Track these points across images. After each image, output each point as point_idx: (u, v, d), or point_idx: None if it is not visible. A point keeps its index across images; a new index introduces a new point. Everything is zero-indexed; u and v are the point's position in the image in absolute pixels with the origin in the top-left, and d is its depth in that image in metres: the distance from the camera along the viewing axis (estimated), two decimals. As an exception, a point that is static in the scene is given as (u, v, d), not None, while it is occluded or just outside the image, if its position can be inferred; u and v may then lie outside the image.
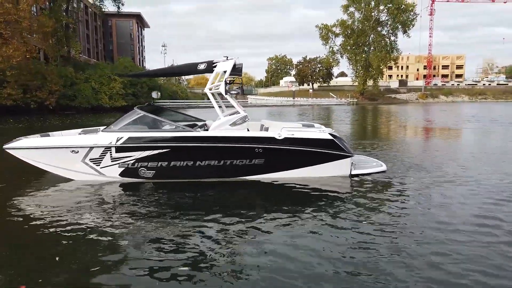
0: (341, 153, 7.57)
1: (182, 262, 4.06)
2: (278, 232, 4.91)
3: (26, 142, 7.71)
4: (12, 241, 4.72)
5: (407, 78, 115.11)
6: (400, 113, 37.68)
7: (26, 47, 35.38)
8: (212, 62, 7.92)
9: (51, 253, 4.31)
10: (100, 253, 4.31)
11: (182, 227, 5.06)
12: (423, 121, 26.78)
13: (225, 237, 4.76)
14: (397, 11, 75.31)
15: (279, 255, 4.19)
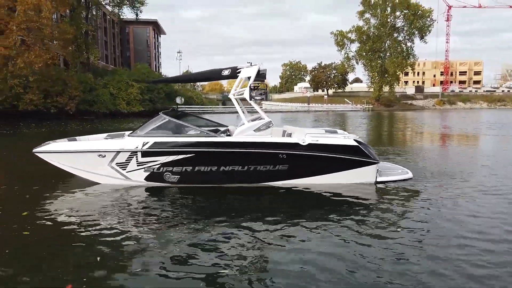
0: (366, 159, 7.49)
1: (206, 267, 4.07)
2: (303, 239, 4.87)
3: (55, 146, 7.87)
4: (44, 243, 4.80)
5: (423, 84, 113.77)
6: (418, 120, 37.18)
7: (48, 54, 36.24)
8: (236, 68, 7.99)
9: (80, 254, 4.39)
10: (126, 256, 4.36)
11: (206, 232, 5.07)
12: (443, 127, 26.39)
13: (249, 242, 4.74)
14: (413, 17, 74.78)
15: (304, 262, 4.15)
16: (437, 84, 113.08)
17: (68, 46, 41.67)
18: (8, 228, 5.29)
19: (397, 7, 76.40)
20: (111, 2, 52.32)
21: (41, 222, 5.53)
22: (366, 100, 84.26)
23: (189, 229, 5.17)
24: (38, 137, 20.68)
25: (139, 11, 52.25)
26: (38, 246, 4.66)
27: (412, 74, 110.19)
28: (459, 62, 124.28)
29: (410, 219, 5.61)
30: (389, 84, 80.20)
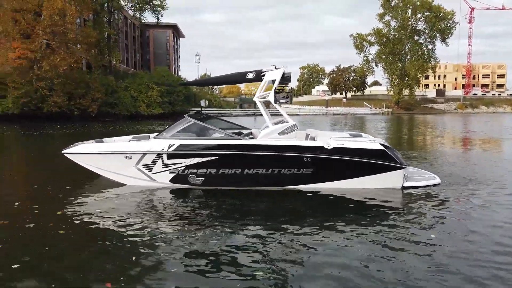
0: (393, 164, 7.34)
1: (233, 268, 4.07)
2: (328, 243, 4.78)
3: (83, 148, 8.04)
4: (78, 242, 4.89)
5: (444, 87, 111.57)
6: (440, 123, 36.42)
7: (72, 57, 37.25)
8: (261, 71, 7.97)
9: (113, 254, 4.47)
10: (157, 256, 4.41)
11: (230, 234, 5.07)
12: (466, 131, 25.77)
13: (274, 246, 4.71)
14: (435, 19, 73.57)
15: (330, 265, 4.09)
16: (459, 87, 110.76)
17: (91, 50, 42.72)
18: (45, 227, 5.41)
19: (418, 9, 75.31)
20: (133, 6, 53.35)
21: (73, 222, 5.64)
22: (386, 103, 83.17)
23: (214, 231, 5.18)
24: (63, 138, 21.29)
25: (160, 15, 53.20)
26: (73, 245, 4.76)
27: (433, 77, 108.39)
28: (481, 65, 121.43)
29: (439, 226, 5.44)
30: (409, 87, 79.04)
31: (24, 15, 34.97)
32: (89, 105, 39.59)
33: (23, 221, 5.60)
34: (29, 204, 6.62)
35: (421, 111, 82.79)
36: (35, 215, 5.97)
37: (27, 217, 5.78)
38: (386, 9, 77.33)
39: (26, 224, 5.50)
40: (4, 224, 5.55)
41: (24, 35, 35.61)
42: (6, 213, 6.12)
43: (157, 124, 37.05)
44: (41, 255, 4.43)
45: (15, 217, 5.85)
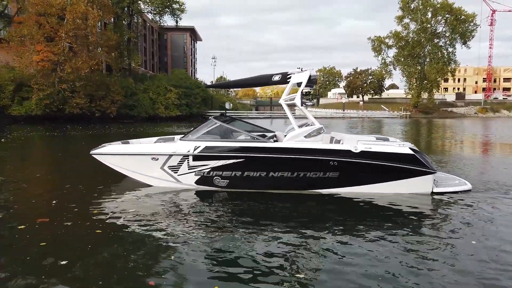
0: (423, 169, 7.18)
1: (254, 271, 4.05)
2: (351, 250, 4.67)
3: (111, 149, 8.16)
4: (114, 241, 4.97)
5: (464, 91, 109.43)
6: (463, 128, 35.57)
7: (93, 60, 38.03)
8: (287, 74, 7.95)
9: (147, 254, 4.52)
10: (176, 257, 4.46)
11: (252, 238, 5.02)
12: (491, 136, 25.07)
13: (295, 251, 4.64)
14: (456, 22, 72.29)
15: (352, 273, 4.00)
16: (479, 91, 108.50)
17: (111, 53, 43.48)
18: (84, 226, 5.55)
19: (439, 12, 74.11)
20: (152, 10, 54.14)
21: (107, 221, 5.75)
22: (404, 106, 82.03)
23: (237, 233, 5.17)
24: (86, 139, 21.68)
25: (179, 18, 53.82)
26: (108, 244, 4.87)
27: (452, 81, 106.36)
28: (503, 68, 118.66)
29: (470, 234, 5.25)
30: (428, 90, 77.78)
31: (48, 19, 35.87)
32: (109, 107, 40.31)
33: (62, 219, 5.76)
34: (65, 203, 6.78)
35: (440, 115, 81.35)
36: (72, 213, 6.14)
37: (65, 216, 5.96)
38: (405, 12, 76.31)
39: (65, 222, 5.65)
40: (45, 221, 5.72)
41: (48, 38, 36.54)
42: (46, 211, 6.34)
43: (175, 126, 37.47)
44: (84, 253, 4.56)
45: (54, 215, 6.02)
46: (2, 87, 35.45)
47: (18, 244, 4.84)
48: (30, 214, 6.17)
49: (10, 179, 9.20)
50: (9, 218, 5.96)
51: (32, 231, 5.31)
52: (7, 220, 5.86)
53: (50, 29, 35.96)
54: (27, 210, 6.55)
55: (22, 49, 35.26)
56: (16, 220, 5.83)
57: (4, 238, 5.13)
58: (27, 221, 5.71)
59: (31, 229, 5.37)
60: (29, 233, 5.22)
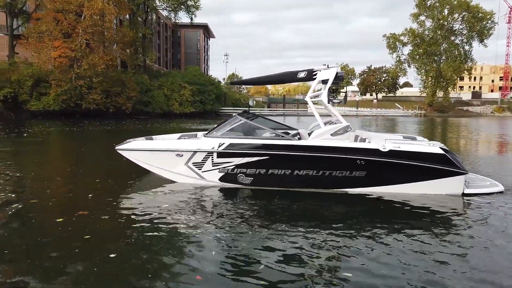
0: (454, 169, 7.01)
1: (275, 270, 4.03)
2: (376, 252, 4.54)
3: (136, 145, 8.23)
4: (119, 237, 5.01)
5: (480, 89, 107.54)
6: (481, 127, 34.76)
7: (108, 56, 38.40)
8: (313, 71, 7.87)
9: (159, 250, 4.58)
10: (197, 252, 4.50)
11: (275, 236, 4.98)
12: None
13: (318, 250, 4.58)
14: (473, 19, 71.00)
15: (376, 276, 3.92)
16: (496, 90, 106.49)
17: (127, 49, 43.81)
18: (120, 220, 5.68)
19: (456, 9, 72.86)
20: (168, 7, 54.32)
21: (116, 215, 5.89)
22: (418, 105, 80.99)
23: (260, 231, 5.15)
24: (105, 134, 21.99)
25: (193, 15, 53.92)
26: (146, 238, 4.93)
27: (468, 79, 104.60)
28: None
29: (503, 238, 5.06)
30: (444, 89, 76.63)
31: (66, 15, 36.30)
32: (124, 103, 40.65)
33: (99, 213, 5.91)
34: (100, 197, 6.97)
35: (455, 113, 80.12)
36: (108, 207, 6.32)
37: (103, 209, 6.12)
38: (421, 9, 75.22)
39: (102, 216, 5.79)
40: (84, 214, 5.88)
41: (65, 35, 36.99)
42: (84, 204, 6.47)
43: (190, 122, 37.60)
44: (128, 246, 4.66)
45: (92, 209, 6.16)
46: (21, 83, 36.06)
47: (62, 237, 4.93)
48: (69, 208, 6.32)
49: (44, 173, 9.46)
50: (50, 211, 6.11)
51: (73, 224, 5.42)
52: (47, 213, 6.01)
53: (67, 26, 36.40)
54: (65, 203, 6.73)
55: (41, 45, 35.77)
56: (56, 213, 5.98)
57: (47, 230, 5.23)
58: (66, 214, 5.83)
59: (72, 222, 5.48)
60: (71, 226, 5.33)
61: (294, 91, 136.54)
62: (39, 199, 6.81)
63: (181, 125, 32.40)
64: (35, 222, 5.57)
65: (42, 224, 5.50)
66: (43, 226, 5.41)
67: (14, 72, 36.28)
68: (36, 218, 5.74)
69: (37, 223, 5.55)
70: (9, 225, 5.41)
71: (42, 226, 5.43)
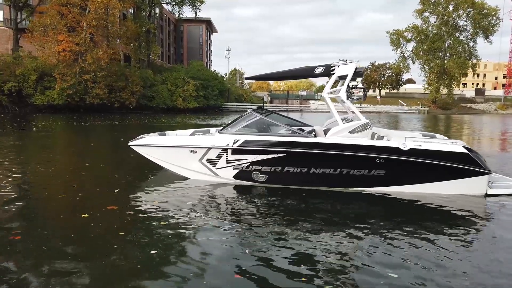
0: (477, 169, 6.79)
1: (288, 270, 3.96)
2: (396, 254, 4.39)
3: (149, 140, 8.11)
4: (129, 233, 4.95)
5: (484, 87, 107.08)
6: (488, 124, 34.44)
7: (112, 50, 38.27)
8: (330, 66, 7.68)
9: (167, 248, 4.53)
10: (209, 251, 4.44)
11: (289, 236, 4.88)
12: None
13: (333, 250, 4.47)
14: (478, 15, 70.60)
15: (394, 279, 3.81)
16: (499, 87, 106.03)
17: (131, 43, 43.66)
18: (147, 216, 5.64)
19: (460, 6, 72.42)
20: (172, 1, 54.02)
21: (128, 211, 5.84)
22: (422, 102, 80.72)
23: (275, 230, 5.04)
24: (113, 129, 21.98)
25: (198, 9, 53.63)
26: (147, 236, 4.87)
27: (472, 76, 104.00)
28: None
29: None
30: (448, 85, 76.37)
31: (70, 9, 36.14)
32: (128, 98, 40.56)
33: (126, 208, 5.94)
34: (126, 192, 7.06)
35: (459, 110, 79.89)
36: (135, 202, 6.40)
37: (132, 204, 6.16)
38: (425, 5, 74.78)
39: (128, 211, 5.82)
40: (114, 209, 5.92)
41: (70, 29, 36.86)
42: (114, 199, 6.52)
43: (194, 117, 37.54)
44: (168, 245, 4.58)
45: (120, 203, 6.20)
46: (25, 77, 35.99)
47: (96, 233, 4.89)
48: (98, 202, 6.31)
49: (64, 167, 9.59)
50: (77, 206, 6.09)
51: (103, 219, 5.43)
52: (76, 208, 5.98)
53: (72, 19, 36.26)
54: (94, 198, 6.74)
55: (45, 39, 35.67)
56: (84, 208, 5.91)
57: (78, 226, 5.20)
58: (95, 208, 5.84)
59: (101, 217, 5.50)
60: (101, 221, 5.34)
61: (296, 87, 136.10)
62: (68, 194, 6.85)
63: (185, 120, 32.34)
64: (66, 216, 5.69)
65: (70, 220, 5.51)
66: (71, 221, 5.43)
67: (19, 66, 36.21)
68: (65, 213, 5.83)
69: (67, 218, 5.63)
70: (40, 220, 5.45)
71: (70, 221, 5.46)
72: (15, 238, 4.66)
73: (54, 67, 36.31)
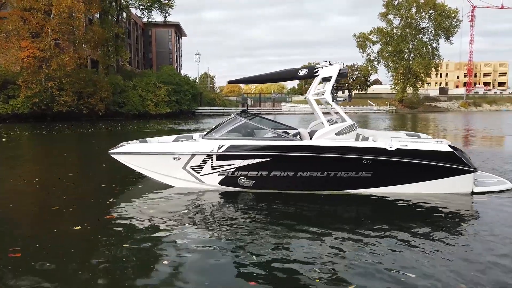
0: (463, 167, 6.86)
1: (278, 276, 3.90)
2: (385, 255, 4.36)
3: (130, 148, 7.83)
4: (113, 244, 4.79)
5: (446, 86, 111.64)
6: (455, 121, 35.75)
7: (78, 55, 37.10)
8: (314, 68, 7.63)
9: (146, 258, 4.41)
10: (200, 260, 4.32)
11: (279, 242, 4.77)
12: (492, 129, 24.98)
13: (326, 254, 4.40)
14: (439, 17, 73.57)
15: (387, 280, 3.79)
16: (461, 85, 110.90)
17: (98, 48, 42.48)
18: (115, 231, 5.34)
19: (423, 8, 75.28)
20: (140, 5, 53.02)
21: (110, 223, 5.63)
22: (390, 101, 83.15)
23: (264, 237, 4.93)
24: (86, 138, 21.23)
25: (168, 14, 52.92)
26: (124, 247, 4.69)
27: (435, 76, 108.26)
28: (483, 63, 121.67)
29: None
30: (413, 85, 79.13)
31: (34, 14, 34.74)
32: (97, 104, 39.40)
33: (118, 219, 5.73)
34: (116, 201, 6.87)
35: (424, 109, 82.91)
36: (123, 212, 6.06)
37: (121, 215, 5.86)
38: (389, 8, 77.25)
39: (117, 222, 5.49)
40: (108, 218, 5.57)
41: (34, 34, 35.41)
42: (105, 209, 6.31)
43: (169, 123, 36.91)
44: (125, 254, 4.32)
45: (111, 214, 6.04)
46: (-14, 85, 34.28)
47: (99, 247, 4.67)
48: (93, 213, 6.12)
49: (48, 178, 9.24)
50: (72, 218, 5.88)
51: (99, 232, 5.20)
52: (68, 220, 5.81)
53: (36, 25, 34.83)
54: (87, 209, 6.50)
55: (7, 45, 34.11)
56: (79, 219, 5.73)
57: (67, 237, 5.01)
58: (90, 220, 5.67)
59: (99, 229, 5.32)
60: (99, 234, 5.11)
61: (267, 90, 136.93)
62: (60, 205, 6.58)
63: (162, 126, 31.73)
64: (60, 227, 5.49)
65: (66, 231, 5.32)
66: (67, 232, 5.25)
67: (-22, 74, 34.48)
68: (59, 224, 5.66)
69: (61, 228, 5.44)
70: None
71: (66, 232, 5.28)
72: (15, 255, 4.40)
73: (18, 75, 34.75)
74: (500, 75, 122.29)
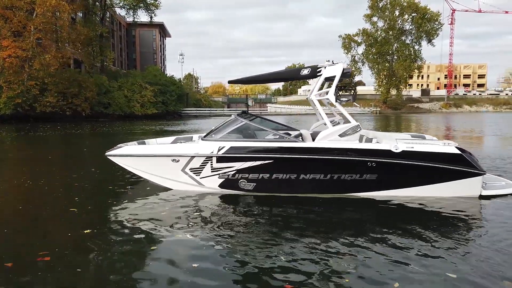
0: (471, 170, 6.66)
1: (279, 280, 3.83)
2: (390, 260, 4.27)
3: (128, 150, 7.61)
4: (109, 247, 4.69)
5: (428, 87, 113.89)
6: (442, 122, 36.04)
7: (61, 55, 36.31)
8: (317, 67, 7.43)
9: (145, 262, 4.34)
10: (200, 265, 4.22)
11: (280, 246, 4.66)
12: (484, 130, 25.26)
13: (328, 259, 4.32)
14: (421, 20, 75.00)
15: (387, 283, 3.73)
16: (442, 87, 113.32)
17: (83, 48, 41.70)
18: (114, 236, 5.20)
19: (405, 10, 76.65)
20: (126, 5, 52.25)
21: (107, 225, 5.53)
22: (374, 103, 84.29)
23: (265, 241, 4.82)
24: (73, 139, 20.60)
25: (153, 14, 52.32)
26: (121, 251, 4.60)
27: (416, 77, 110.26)
28: (463, 65, 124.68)
29: None
30: (396, 87, 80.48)
31: (16, 12, 33.81)
32: (81, 104, 38.62)
33: (120, 224, 5.44)
34: (124, 205, 6.52)
35: (407, 110, 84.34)
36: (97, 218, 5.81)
37: (118, 220, 5.61)
38: (374, 10, 78.41)
39: (115, 227, 5.29)
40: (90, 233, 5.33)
41: (15, 33, 34.44)
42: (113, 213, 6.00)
43: (154, 124, 36.39)
44: (123, 259, 4.21)
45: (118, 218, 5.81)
46: (-35, 85, 33.22)
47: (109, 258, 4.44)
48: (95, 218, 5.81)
49: (53, 181, 8.89)
50: (79, 222, 5.69)
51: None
52: (71, 224, 5.59)
53: (17, 24, 33.88)
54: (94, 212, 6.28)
55: (-13, 45, 33.11)
56: (86, 223, 5.55)
57: (70, 241, 4.82)
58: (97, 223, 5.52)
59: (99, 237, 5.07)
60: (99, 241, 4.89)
61: (252, 91, 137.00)
62: (60, 210, 6.36)
63: (146, 127, 31.24)
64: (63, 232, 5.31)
65: (68, 235, 5.14)
66: (65, 236, 5.07)
67: (-42, 74, 33.36)
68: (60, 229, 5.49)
69: (63, 234, 5.26)
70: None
71: (67, 236, 5.11)
72: (44, 259, 4.28)
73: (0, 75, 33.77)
74: (479, 76, 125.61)
